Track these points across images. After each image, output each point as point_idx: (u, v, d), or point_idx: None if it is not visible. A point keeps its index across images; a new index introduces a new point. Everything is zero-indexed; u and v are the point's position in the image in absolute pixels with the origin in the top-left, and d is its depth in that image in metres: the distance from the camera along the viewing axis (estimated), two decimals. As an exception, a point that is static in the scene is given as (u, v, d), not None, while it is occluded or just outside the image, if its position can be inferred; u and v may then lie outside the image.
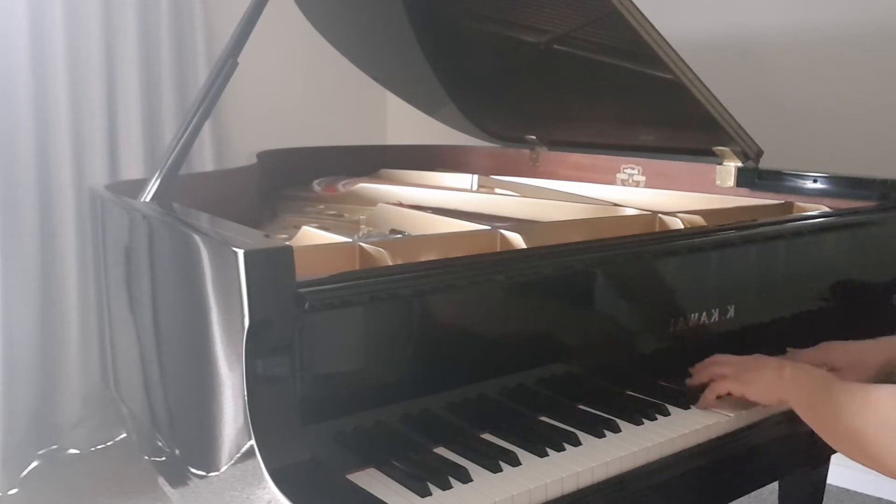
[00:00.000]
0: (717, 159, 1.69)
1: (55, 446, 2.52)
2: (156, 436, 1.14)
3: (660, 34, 1.39)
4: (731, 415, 1.08)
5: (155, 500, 2.24)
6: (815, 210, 1.52)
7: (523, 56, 1.80)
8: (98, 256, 1.41)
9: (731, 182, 1.68)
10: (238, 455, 0.85)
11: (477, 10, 1.81)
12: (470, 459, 0.93)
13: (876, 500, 2.31)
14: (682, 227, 1.35)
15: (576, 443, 0.98)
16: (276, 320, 0.83)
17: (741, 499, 2.04)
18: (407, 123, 3.17)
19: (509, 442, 0.98)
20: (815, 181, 1.59)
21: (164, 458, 1.13)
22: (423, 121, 2.28)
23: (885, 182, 1.49)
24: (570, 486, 0.91)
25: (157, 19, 2.58)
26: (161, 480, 1.17)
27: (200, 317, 0.92)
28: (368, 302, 0.90)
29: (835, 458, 1.30)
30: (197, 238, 0.95)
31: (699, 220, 1.37)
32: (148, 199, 1.27)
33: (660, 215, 1.39)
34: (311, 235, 1.26)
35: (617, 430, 1.02)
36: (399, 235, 1.45)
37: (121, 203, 1.29)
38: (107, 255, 1.36)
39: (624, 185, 1.90)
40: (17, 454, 2.36)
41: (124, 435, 2.59)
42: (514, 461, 0.93)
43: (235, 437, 0.85)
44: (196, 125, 1.30)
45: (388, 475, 0.90)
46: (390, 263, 1.07)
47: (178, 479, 1.09)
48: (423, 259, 1.14)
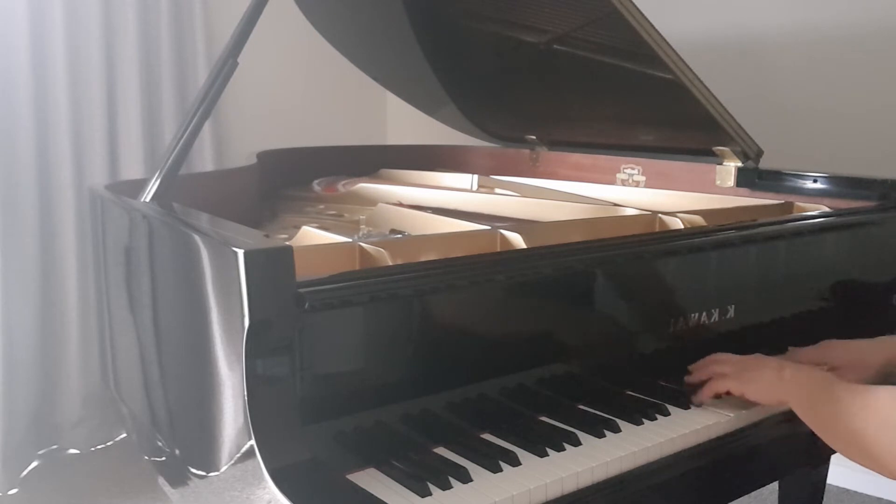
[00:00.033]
0: (717, 159, 1.69)
1: (55, 446, 2.52)
2: (156, 436, 1.14)
3: (660, 34, 1.40)
4: (731, 415, 1.08)
5: (155, 500, 2.24)
6: (815, 210, 1.52)
7: (523, 56, 1.80)
8: (98, 256, 1.41)
9: (731, 182, 1.68)
10: (238, 455, 0.85)
11: (477, 10, 1.81)
12: (470, 459, 0.93)
13: (876, 500, 2.31)
14: (682, 227, 1.35)
15: (576, 443, 0.98)
16: (276, 320, 0.83)
17: (741, 499, 2.04)
18: (407, 123, 3.17)
19: (509, 442, 0.98)
20: (815, 181, 1.59)
21: (164, 458, 1.13)
22: (423, 121, 2.28)
23: (885, 182, 1.49)
24: (570, 486, 0.91)
25: (157, 19, 2.58)
26: (161, 480, 1.17)
27: (200, 317, 0.92)
28: (368, 302, 0.90)
29: (835, 458, 1.30)
30: (197, 238, 0.95)
31: (699, 220, 1.37)
32: (148, 199, 1.27)
33: (660, 215, 1.39)
34: (311, 235, 1.26)
35: (617, 430, 1.02)
36: (399, 235, 1.45)
37: (121, 203, 1.29)
38: (107, 255, 1.36)
39: (624, 185, 1.90)
40: (17, 454, 2.36)
41: (124, 435, 2.59)
42: (514, 461, 0.93)
43: (235, 437, 0.85)
44: (196, 125, 1.30)
45: (388, 475, 0.90)
46: (390, 263, 1.07)
47: (178, 479, 1.09)
48: (423, 259, 1.14)
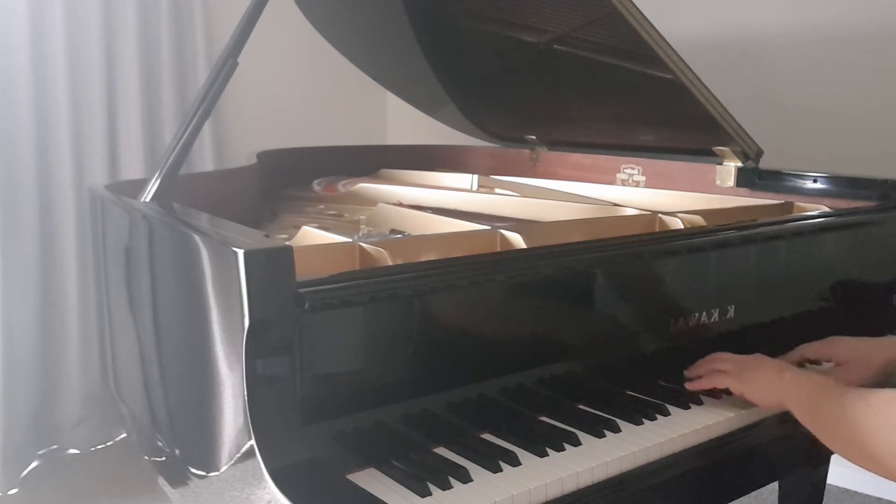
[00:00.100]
0: (717, 159, 1.69)
1: (55, 446, 2.52)
2: (156, 436, 1.14)
3: (660, 34, 1.40)
4: (731, 415, 1.08)
5: (155, 500, 2.24)
6: (815, 210, 1.52)
7: (523, 56, 1.80)
8: (98, 256, 1.41)
9: (731, 182, 1.68)
10: (238, 455, 0.85)
11: (477, 10, 1.81)
12: (470, 459, 0.93)
13: (876, 500, 2.31)
14: (682, 227, 1.35)
15: (576, 443, 0.98)
16: (276, 320, 0.83)
17: (741, 499, 2.04)
18: (407, 123, 3.17)
19: (509, 442, 0.98)
20: (815, 181, 1.59)
21: (164, 458, 1.13)
22: (423, 121, 2.28)
23: (885, 182, 1.49)
24: (570, 486, 0.91)
25: (157, 19, 2.58)
26: (161, 480, 1.17)
27: (200, 317, 0.92)
28: (368, 302, 0.90)
29: (835, 458, 1.30)
30: (197, 238, 0.95)
31: (699, 220, 1.37)
32: (148, 199, 1.27)
33: (660, 215, 1.39)
34: (311, 235, 1.26)
35: (617, 430, 1.02)
36: (399, 235, 1.45)
37: (121, 203, 1.29)
38: (107, 255, 1.36)
39: (624, 185, 1.90)
40: (17, 454, 2.36)
41: (124, 435, 2.59)
42: (514, 461, 0.93)
43: (235, 437, 0.85)
44: (196, 125, 1.30)
45: (388, 475, 0.90)
46: (390, 263, 1.07)
47: (178, 479, 1.09)
48: (423, 259, 1.14)
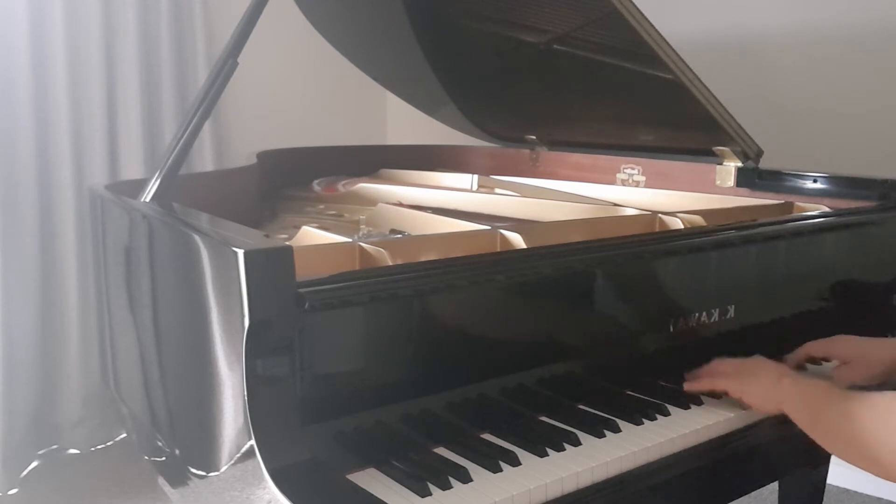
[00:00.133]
0: (717, 159, 1.69)
1: (55, 446, 2.52)
2: (156, 436, 1.14)
3: (660, 34, 1.39)
4: (731, 415, 1.08)
5: (155, 500, 2.24)
6: (815, 210, 1.52)
7: (523, 56, 1.79)
8: (98, 256, 1.41)
9: (731, 182, 1.68)
10: (238, 455, 0.85)
11: (477, 10, 1.81)
12: (470, 459, 0.93)
13: (876, 500, 2.31)
14: (682, 227, 1.35)
15: (576, 443, 0.98)
16: (276, 320, 0.83)
17: (741, 499, 2.04)
18: (407, 123, 3.17)
19: (509, 442, 0.98)
20: (815, 181, 1.59)
21: (164, 458, 1.13)
22: (423, 121, 2.28)
23: (885, 182, 1.49)
24: (570, 486, 0.91)
25: (157, 19, 2.58)
26: (161, 480, 1.17)
27: (200, 317, 0.92)
28: (368, 302, 0.90)
29: (835, 458, 1.30)
30: (197, 238, 0.95)
31: (699, 220, 1.37)
32: (148, 199, 1.27)
33: (660, 215, 1.39)
34: (311, 235, 1.26)
35: (617, 430, 1.02)
36: (399, 235, 1.45)
37: (121, 203, 1.29)
38: (107, 255, 1.36)
39: (624, 185, 1.90)
40: (17, 454, 2.36)
41: (124, 435, 2.59)
42: (514, 461, 0.93)
43: (235, 437, 0.85)
44: (196, 125, 1.30)
45: (388, 475, 0.90)
46: (390, 263, 1.07)
47: (178, 479, 1.09)
48: (423, 259, 1.14)
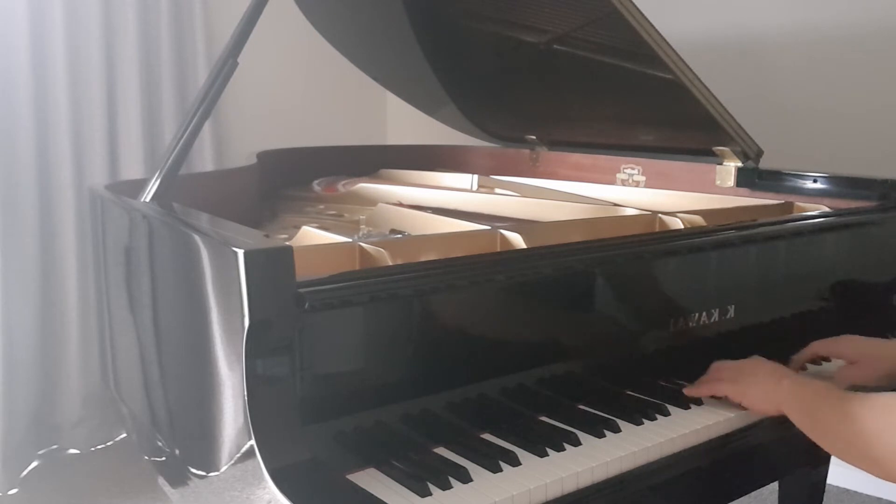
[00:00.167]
0: (717, 159, 1.69)
1: (55, 446, 2.52)
2: (156, 436, 1.14)
3: (660, 34, 1.39)
4: (731, 415, 1.08)
5: (155, 500, 2.24)
6: (815, 210, 1.52)
7: (523, 56, 1.80)
8: (98, 256, 1.41)
9: (731, 182, 1.68)
10: (238, 455, 0.85)
11: (477, 10, 1.81)
12: (470, 459, 0.93)
13: (876, 500, 2.31)
14: (682, 227, 1.35)
15: (576, 443, 0.98)
16: (276, 320, 0.83)
17: (741, 499, 2.04)
18: (407, 123, 3.17)
19: (509, 442, 0.98)
20: (815, 181, 1.59)
21: (164, 458, 1.13)
22: (423, 121, 2.28)
23: (885, 182, 1.49)
24: (570, 486, 0.91)
25: (157, 19, 2.58)
26: (161, 480, 1.17)
27: (200, 317, 0.92)
28: (368, 302, 0.90)
29: (835, 459, 1.30)
30: (197, 238, 0.95)
31: (699, 220, 1.37)
32: (148, 199, 1.27)
33: (660, 215, 1.39)
34: (311, 235, 1.26)
35: (617, 430, 1.02)
36: (399, 235, 1.45)
37: (121, 203, 1.29)
38: (107, 255, 1.36)
39: (624, 185, 1.90)
40: (17, 454, 2.36)
41: (124, 435, 2.59)
42: (514, 461, 0.93)
43: (235, 437, 0.85)
44: (196, 125, 1.30)
45: (388, 475, 0.90)
46: (390, 263, 1.07)
47: (178, 479, 1.09)
48: (423, 259, 1.14)
